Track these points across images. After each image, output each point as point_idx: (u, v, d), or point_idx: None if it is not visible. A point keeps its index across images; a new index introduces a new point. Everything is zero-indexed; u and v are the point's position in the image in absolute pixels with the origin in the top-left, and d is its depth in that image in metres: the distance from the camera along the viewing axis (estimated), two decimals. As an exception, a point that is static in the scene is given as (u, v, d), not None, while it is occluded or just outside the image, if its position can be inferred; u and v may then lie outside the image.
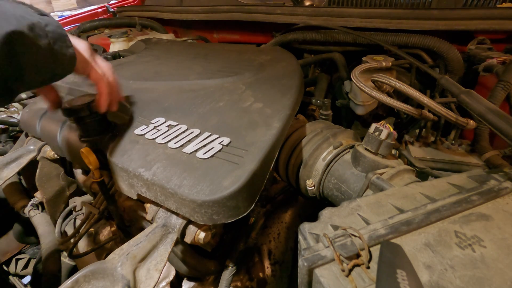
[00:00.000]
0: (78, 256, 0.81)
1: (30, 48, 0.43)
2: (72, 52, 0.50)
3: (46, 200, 0.92)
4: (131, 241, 0.53)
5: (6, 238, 1.24)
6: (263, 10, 1.36)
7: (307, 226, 0.43)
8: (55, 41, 0.46)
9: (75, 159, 0.75)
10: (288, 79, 0.82)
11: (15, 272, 1.22)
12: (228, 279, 0.68)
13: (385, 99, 0.72)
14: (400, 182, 0.58)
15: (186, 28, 1.86)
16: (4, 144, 1.24)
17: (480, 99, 0.64)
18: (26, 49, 0.42)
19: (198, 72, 0.93)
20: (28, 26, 0.42)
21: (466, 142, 0.86)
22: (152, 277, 0.49)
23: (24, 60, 0.43)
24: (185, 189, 0.50)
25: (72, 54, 0.50)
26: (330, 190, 0.69)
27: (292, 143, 0.77)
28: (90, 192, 0.85)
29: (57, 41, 0.47)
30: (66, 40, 0.49)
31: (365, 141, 0.63)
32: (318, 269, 0.36)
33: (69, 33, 0.51)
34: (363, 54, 1.04)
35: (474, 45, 0.98)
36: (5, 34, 0.38)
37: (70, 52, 0.50)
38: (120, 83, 0.64)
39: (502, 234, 0.40)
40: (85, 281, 0.46)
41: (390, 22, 1.05)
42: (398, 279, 0.32)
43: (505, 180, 0.48)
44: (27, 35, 0.42)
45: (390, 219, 0.42)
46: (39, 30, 0.44)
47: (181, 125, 0.65)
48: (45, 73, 0.48)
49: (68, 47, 0.50)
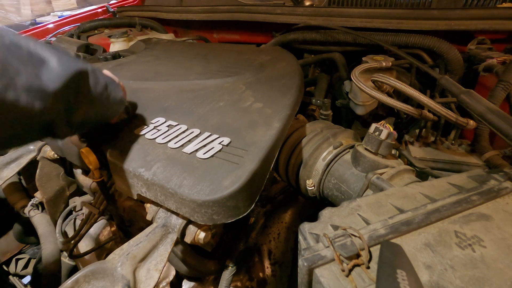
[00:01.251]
0: (78, 256, 0.81)
1: (90, 85, 0.48)
2: (122, 94, 0.57)
3: (46, 200, 0.92)
4: (131, 241, 0.53)
5: (6, 238, 1.24)
6: (263, 10, 1.36)
7: (307, 226, 0.43)
8: (109, 84, 0.53)
9: (75, 159, 0.75)
10: (288, 79, 0.82)
11: (15, 272, 1.22)
12: (228, 279, 0.68)
13: (385, 99, 0.72)
14: (400, 182, 0.58)
15: (186, 28, 1.86)
16: (4, 144, 1.23)
17: (480, 99, 0.64)
18: (87, 85, 0.48)
19: (198, 72, 0.93)
20: (91, 68, 0.49)
21: (466, 142, 0.86)
22: (152, 277, 0.50)
23: (84, 93, 0.47)
24: (185, 189, 0.50)
25: (122, 97, 0.58)
26: (330, 190, 0.69)
27: (292, 143, 0.77)
28: (90, 192, 0.85)
29: (110, 84, 0.53)
30: (116, 84, 0.56)
31: (365, 141, 0.63)
32: (318, 269, 0.36)
33: (69, 33, 0.53)
34: (363, 54, 1.04)
35: (474, 45, 0.98)
36: (74, 69, 0.44)
37: (121, 95, 0.57)
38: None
39: (502, 234, 0.40)
40: (85, 281, 0.46)
41: (390, 22, 1.05)
42: (398, 279, 0.32)
43: (505, 180, 0.48)
44: (90, 73, 0.48)
45: (390, 219, 0.42)
46: (99, 73, 0.51)
47: (181, 125, 0.65)
48: (99, 109, 0.53)
49: (119, 90, 0.57)
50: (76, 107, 0.47)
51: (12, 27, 5.19)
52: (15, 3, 5.61)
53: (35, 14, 5.71)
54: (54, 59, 0.43)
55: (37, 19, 5.49)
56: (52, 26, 1.81)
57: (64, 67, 0.43)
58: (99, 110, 0.54)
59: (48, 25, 1.81)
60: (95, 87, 0.49)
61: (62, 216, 0.92)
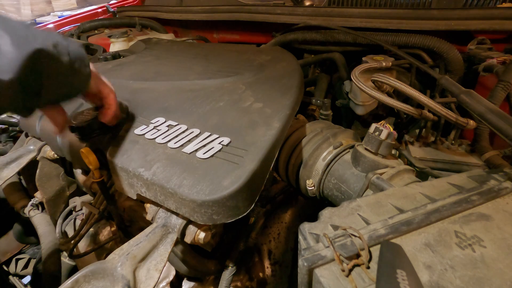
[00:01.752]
0: (78, 256, 0.81)
1: (53, 64, 0.46)
2: (89, 70, 0.55)
3: (46, 200, 0.92)
4: (131, 241, 0.53)
5: (6, 238, 1.24)
6: (263, 10, 1.36)
7: (307, 226, 0.43)
8: (75, 59, 0.50)
9: (75, 159, 0.75)
10: (288, 79, 0.82)
11: (15, 272, 1.22)
12: (228, 279, 0.68)
13: (385, 99, 0.72)
14: (400, 182, 0.58)
15: (186, 28, 1.86)
16: (4, 144, 1.24)
17: (480, 99, 0.64)
18: (48, 65, 0.45)
19: (198, 72, 0.93)
20: (52, 44, 0.45)
21: (466, 142, 0.86)
22: (152, 277, 0.49)
23: (45, 75, 0.45)
24: (185, 189, 0.50)
25: (88, 72, 0.55)
26: (330, 190, 0.69)
27: (292, 143, 0.77)
28: (90, 192, 0.85)
29: (77, 60, 0.50)
30: (85, 59, 0.53)
31: (365, 141, 0.63)
32: (318, 269, 0.36)
33: (69, 33, 0.53)
34: (363, 54, 1.04)
35: (474, 45, 0.98)
36: (32, 50, 0.41)
37: (87, 71, 0.54)
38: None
39: (502, 234, 0.40)
40: (85, 281, 0.46)
41: (390, 22, 1.05)
42: (398, 279, 0.32)
43: (505, 180, 0.48)
44: (51, 52, 0.45)
45: (390, 219, 0.42)
46: (62, 48, 0.47)
47: (181, 125, 0.65)
48: (63, 88, 0.51)
49: (86, 66, 0.54)
50: (36, 90, 0.44)
51: (12, 27, 5.17)
52: (15, 3, 5.62)
53: (35, 14, 5.71)
54: (7, 40, 0.38)
55: (37, 19, 5.49)
56: (52, 26, 1.81)
57: (20, 49, 0.39)
58: (63, 88, 0.51)
59: (48, 25, 1.81)
60: (58, 65, 0.46)
61: (62, 216, 0.92)
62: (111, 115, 0.62)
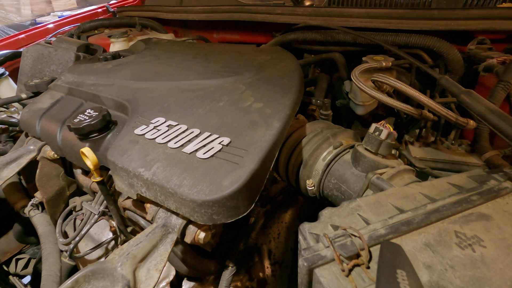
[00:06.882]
0: (78, 256, 0.81)
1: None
2: None
3: (46, 200, 0.92)
4: (131, 241, 0.53)
5: (6, 238, 1.24)
6: (263, 10, 1.36)
7: (307, 226, 0.43)
8: None
9: (75, 159, 0.75)
10: (288, 79, 0.82)
11: (15, 272, 1.22)
12: (228, 279, 0.68)
13: (385, 99, 0.72)
14: (400, 182, 0.58)
15: (186, 28, 1.86)
16: (4, 144, 1.23)
17: (480, 99, 0.64)
18: None
19: (198, 72, 0.93)
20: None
21: (466, 142, 0.86)
22: (152, 277, 0.49)
23: None
24: (185, 189, 0.50)
25: None
26: (330, 190, 0.69)
27: (292, 143, 0.77)
28: (90, 192, 0.85)
29: None
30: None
31: (365, 141, 0.63)
32: (318, 269, 0.36)
33: (69, 33, 0.52)
34: (363, 54, 1.04)
35: (474, 45, 0.98)
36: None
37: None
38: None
39: (502, 234, 0.40)
40: (85, 281, 0.46)
41: (390, 22, 1.05)
42: (398, 279, 0.32)
43: (505, 180, 0.48)
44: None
45: (390, 219, 0.42)
46: None
47: (181, 125, 0.65)
48: None
49: None
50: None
51: (12, 27, 5.19)
52: (15, 3, 5.62)
53: (35, 14, 5.72)
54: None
55: (37, 19, 5.49)
56: (52, 26, 1.81)
57: None
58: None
59: (48, 25, 1.81)
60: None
61: (62, 216, 0.92)
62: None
